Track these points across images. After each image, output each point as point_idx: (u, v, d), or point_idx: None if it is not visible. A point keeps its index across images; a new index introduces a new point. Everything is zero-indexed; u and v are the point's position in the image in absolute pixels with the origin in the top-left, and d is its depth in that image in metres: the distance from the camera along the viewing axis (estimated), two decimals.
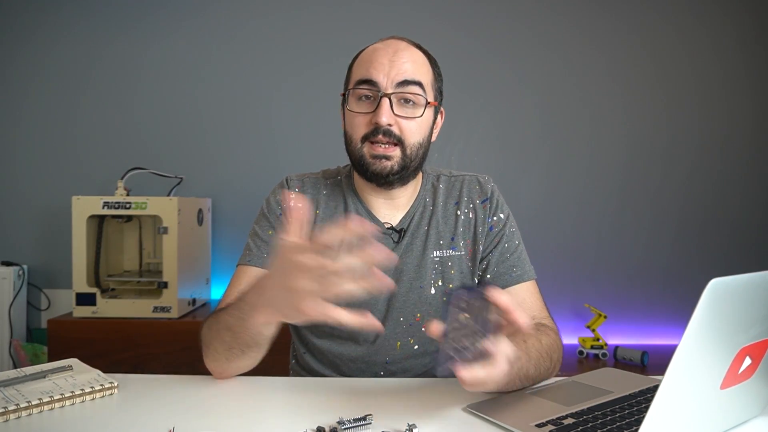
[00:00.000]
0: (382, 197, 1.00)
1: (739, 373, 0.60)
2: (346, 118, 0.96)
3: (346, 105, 0.95)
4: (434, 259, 0.98)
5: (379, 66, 0.91)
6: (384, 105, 0.89)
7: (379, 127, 0.90)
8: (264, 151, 2.21)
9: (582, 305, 2.13)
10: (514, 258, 0.99)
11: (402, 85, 0.91)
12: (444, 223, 1.00)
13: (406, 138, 0.92)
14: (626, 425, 0.68)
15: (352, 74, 0.97)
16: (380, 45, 0.95)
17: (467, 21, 2.17)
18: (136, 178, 1.87)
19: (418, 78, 0.91)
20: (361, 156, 0.93)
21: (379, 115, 0.89)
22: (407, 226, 0.99)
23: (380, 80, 0.90)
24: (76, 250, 1.76)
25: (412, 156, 0.93)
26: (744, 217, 2.19)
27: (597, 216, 2.20)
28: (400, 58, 0.91)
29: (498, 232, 1.00)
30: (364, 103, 0.93)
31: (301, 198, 0.89)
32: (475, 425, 0.71)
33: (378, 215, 0.99)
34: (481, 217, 1.00)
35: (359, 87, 0.92)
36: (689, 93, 2.19)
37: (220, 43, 2.19)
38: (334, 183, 1.05)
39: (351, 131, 0.95)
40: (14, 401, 0.71)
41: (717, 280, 0.50)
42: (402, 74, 0.90)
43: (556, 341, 0.90)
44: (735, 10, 2.17)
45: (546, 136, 2.20)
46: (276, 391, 0.84)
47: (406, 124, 0.91)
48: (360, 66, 0.95)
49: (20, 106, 2.19)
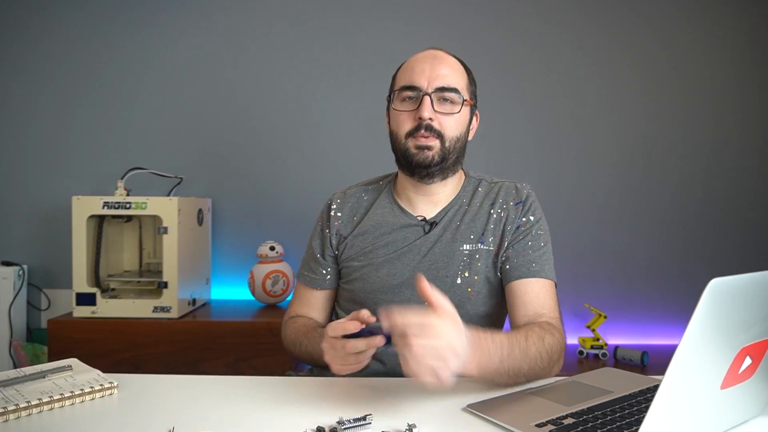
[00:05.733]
0: (422, 193, 1.09)
1: (740, 373, 0.60)
2: (391, 118, 1.08)
3: (392, 106, 1.07)
4: (464, 251, 1.04)
5: (421, 72, 1.03)
6: (425, 102, 1.01)
7: (421, 122, 1.01)
8: (264, 151, 2.20)
9: (582, 305, 2.13)
10: (535, 255, 1.03)
11: (440, 91, 1.02)
12: (477, 220, 1.07)
13: (445, 132, 1.03)
14: (626, 425, 0.68)
15: (396, 81, 1.09)
16: (420, 55, 1.08)
17: (467, 21, 2.17)
18: (136, 178, 1.87)
19: (454, 84, 1.03)
20: (405, 149, 1.04)
21: (422, 110, 1.01)
22: (440, 219, 1.07)
23: (422, 83, 1.02)
24: (76, 250, 1.76)
25: (450, 148, 1.04)
26: (744, 217, 2.19)
27: (597, 216, 2.20)
28: (439, 65, 1.04)
29: (525, 231, 1.05)
30: (407, 103, 1.04)
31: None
32: (475, 425, 0.71)
33: (414, 210, 1.10)
34: (512, 217, 1.06)
35: (404, 91, 1.04)
36: (694, 92, 2.19)
37: (220, 43, 2.19)
38: (375, 188, 1.18)
39: (396, 128, 1.06)
40: (14, 401, 0.71)
41: (717, 280, 0.50)
42: (441, 80, 1.02)
43: (560, 342, 0.93)
44: (743, 9, 2.17)
45: (545, 135, 2.20)
46: (276, 391, 0.84)
47: (445, 120, 1.03)
48: (404, 73, 1.07)
49: (20, 106, 2.19)
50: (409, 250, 1.06)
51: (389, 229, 1.08)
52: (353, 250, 1.09)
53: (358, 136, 2.18)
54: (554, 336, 0.91)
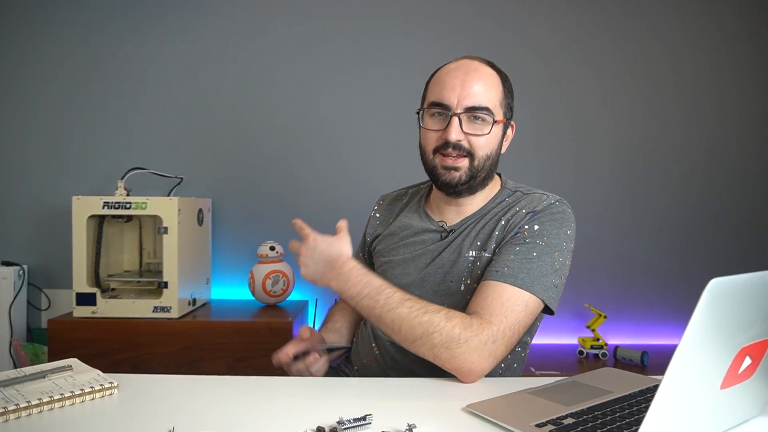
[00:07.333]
0: (450, 204, 1.10)
1: (739, 373, 0.60)
2: (421, 133, 1.07)
3: (421, 122, 1.05)
4: (469, 258, 1.02)
5: (451, 90, 1.00)
6: (453, 123, 0.99)
7: (449, 142, 0.99)
8: (264, 152, 2.20)
9: (582, 305, 2.13)
10: (515, 261, 0.94)
11: (470, 110, 0.99)
12: (487, 227, 1.04)
13: (476, 151, 1.01)
14: (626, 425, 0.68)
15: (427, 94, 1.07)
16: (453, 66, 1.04)
17: (466, 23, 2.17)
18: (136, 178, 1.87)
19: (485, 104, 1.00)
20: (433, 167, 1.04)
21: (449, 133, 0.99)
22: (459, 227, 1.07)
23: (451, 101, 0.99)
24: (76, 250, 1.76)
25: (479, 167, 1.02)
26: (744, 217, 2.19)
27: (597, 216, 2.19)
28: (471, 81, 1.00)
29: (520, 236, 0.98)
30: (436, 120, 1.03)
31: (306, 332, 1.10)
32: (475, 425, 0.71)
33: (439, 216, 1.11)
34: (517, 223, 1.01)
35: (432, 108, 1.02)
36: (694, 93, 2.19)
37: (220, 43, 2.19)
38: (415, 191, 1.22)
39: (425, 144, 1.05)
40: (14, 401, 0.71)
41: (717, 280, 0.50)
42: (471, 99, 0.99)
43: (459, 326, 0.86)
44: (745, 9, 2.17)
45: (545, 135, 2.20)
46: (276, 391, 0.84)
47: (474, 140, 1.01)
48: (434, 87, 1.04)
49: (20, 106, 2.19)
50: (423, 254, 1.07)
51: (412, 233, 1.11)
52: (381, 246, 1.16)
53: (359, 136, 2.18)
54: (451, 319, 0.86)
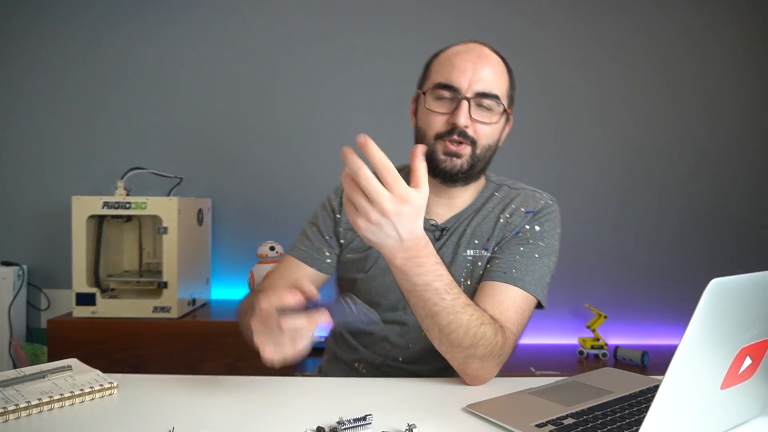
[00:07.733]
0: (441, 195, 1.03)
1: (740, 373, 0.60)
2: (420, 115, 0.99)
3: (424, 103, 0.97)
4: (467, 257, 1.00)
5: (462, 72, 0.94)
6: (463, 107, 0.93)
7: (456, 127, 0.93)
8: (264, 151, 2.20)
9: (582, 305, 2.13)
10: (521, 262, 0.95)
11: (480, 96, 0.94)
12: (484, 225, 1.02)
13: (479, 139, 0.96)
14: (626, 425, 0.68)
15: (431, 74, 0.99)
16: (462, 48, 0.97)
17: (467, 18, 2.17)
18: (136, 178, 1.87)
19: (496, 91, 0.95)
20: (432, 152, 0.96)
21: (458, 116, 0.93)
22: (451, 225, 1.02)
23: (462, 85, 0.93)
24: (75, 250, 1.76)
25: (480, 156, 0.98)
26: (745, 217, 2.19)
27: (597, 216, 2.20)
28: (483, 65, 0.95)
29: (522, 237, 0.98)
30: (442, 104, 0.96)
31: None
32: (475, 425, 0.71)
33: (431, 212, 1.02)
34: (517, 224, 1.00)
35: (440, 89, 0.95)
36: (691, 92, 2.19)
37: (220, 42, 2.19)
38: None
39: (426, 128, 0.97)
40: (14, 401, 0.71)
41: (717, 280, 0.50)
42: (482, 84, 0.94)
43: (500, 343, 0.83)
44: (740, 9, 2.17)
45: (545, 134, 2.20)
46: (276, 391, 0.84)
47: (481, 128, 0.96)
48: (441, 68, 0.97)
49: (20, 106, 2.19)
50: None
51: None
52: (361, 242, 1.03)
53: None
54: (497, 334, 0.82)
